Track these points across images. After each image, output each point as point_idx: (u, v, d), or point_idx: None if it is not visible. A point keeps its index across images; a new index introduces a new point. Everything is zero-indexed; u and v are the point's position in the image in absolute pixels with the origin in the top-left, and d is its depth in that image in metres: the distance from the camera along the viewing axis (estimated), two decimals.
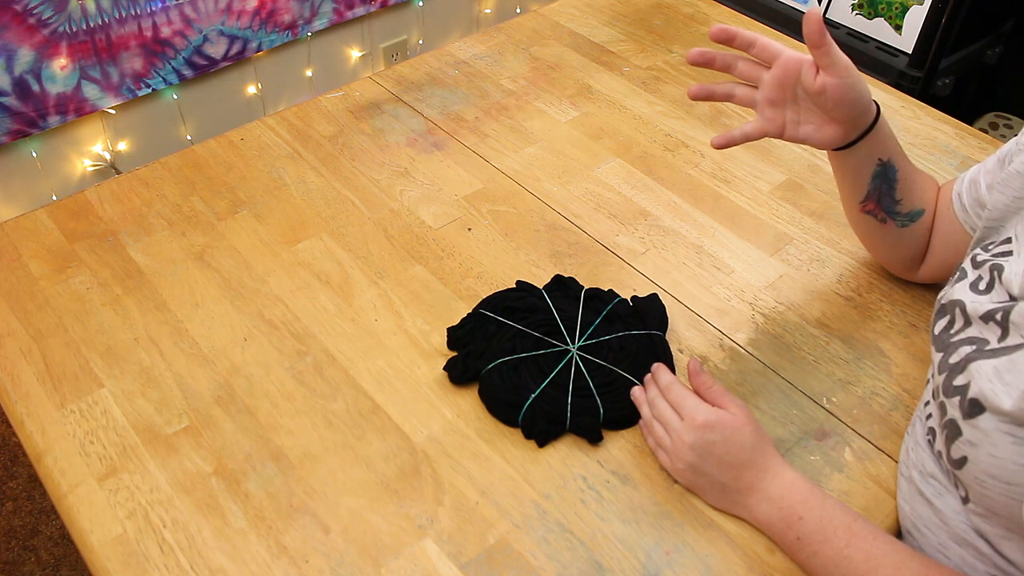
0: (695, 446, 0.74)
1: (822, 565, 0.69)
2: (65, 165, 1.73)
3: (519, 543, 0.73)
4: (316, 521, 0.74)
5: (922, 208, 0.87)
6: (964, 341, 0.67)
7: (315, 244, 0.99)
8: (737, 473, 0.74)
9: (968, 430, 0.63)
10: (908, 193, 0.86)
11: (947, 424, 0.66)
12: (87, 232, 1.00)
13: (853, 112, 0.80)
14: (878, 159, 0.84)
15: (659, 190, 1.07)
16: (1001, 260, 0.69)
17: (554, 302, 0.88)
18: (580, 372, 0.82)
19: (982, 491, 0.63)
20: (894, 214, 0.88)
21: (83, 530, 0.73)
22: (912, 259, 0.92)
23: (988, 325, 0.66)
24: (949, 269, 0.86)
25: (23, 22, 1.52)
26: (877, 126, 0.82)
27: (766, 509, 0.72)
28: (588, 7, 1.42)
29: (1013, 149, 0.77)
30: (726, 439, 0.74)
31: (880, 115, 0.82)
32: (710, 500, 0.76)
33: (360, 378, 0.85)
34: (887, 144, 0.84)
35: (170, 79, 1.76)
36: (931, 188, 0.89)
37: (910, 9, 1.78)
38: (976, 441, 0.62)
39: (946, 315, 0.71)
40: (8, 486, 1.56)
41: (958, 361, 0.66)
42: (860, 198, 0.87)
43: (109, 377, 0.84)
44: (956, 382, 0.65)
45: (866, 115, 0.81)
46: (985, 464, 0.62)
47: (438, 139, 1.14)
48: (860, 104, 0.79)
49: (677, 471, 0.76)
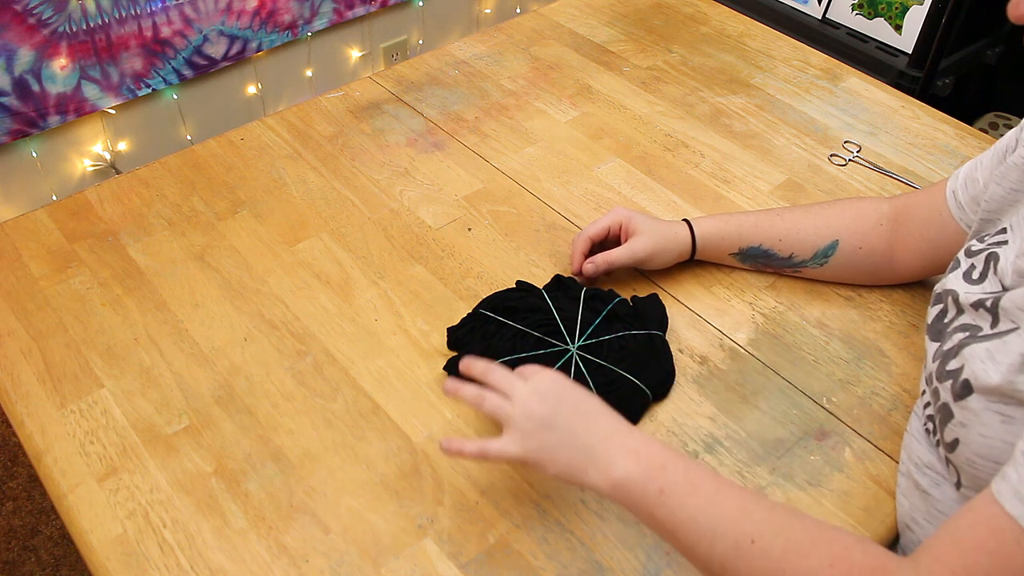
0: (546, 395, 0.68)
1: (689, 517, 0.62)
2: (65, 165, 1.73)
3: (519, 543, 0.73)
4: (316, 521, 0.74)
5: (832, 241, 0.90)
6: (957, 328, 0.68)
7: (315, 244, 0.99)
8: (592, 421, 0.67)
9: (959, 412, 0.63)
10: (795, 245, 0.92)
11: (940, 408, 0.66)
12: (87, 232, 1.00)
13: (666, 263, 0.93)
14: (728, 254, 0.94)
15: (659, 190, 1.07)
16: (996, 249, 0.70)
17: (554, 302, 0.88)
18: (580, 372, 0.82)
19: (973, 472, 0.63)
20: (800, 264, 0.93)
21: (83, 530, 0.73)
22: (872, 275, 0.93)
23: (979, 312, 0.66)
24: (937, 264, 0.86)
25: (23, 22, 1.52)
26: (699, 249, 0.93)
27: (624, 463, 0.64)
28: (588, 7, 1.42)
29: (1012, 143, 0.77)
30: (574, 388, 0.70)
31: (696, 245, 0.93)
32: (559, 463, 0.67)
33: (360, 378, 0.85)
34: (725, 243, 0.93)
35: (170, 79, 1.76)
36: (838, 215, 0.91)
37: (910, 9, 1.78)
38: (967, 422, 0.62)
39: (939, 304, 0.72)
40: (8, 486, 1.56)
41: (951, 347, 0.67)
42: (756, 270, 0.96)
43: (109, 377, 0.84)
44: (949, 367, 0.66)
45: (682, 256, 0.94)
46: (976, 445, 0.62)
47: (438, 139, 1.14)
48: (665, 262, 0.93)
49: (525, 433, 0.67)
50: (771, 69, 1.29)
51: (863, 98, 1.23)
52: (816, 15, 1.92)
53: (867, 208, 0.91)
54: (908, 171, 1.11)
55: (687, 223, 0.93)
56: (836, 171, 1.11)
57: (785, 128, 1.18)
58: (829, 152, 1.14)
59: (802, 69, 1.29)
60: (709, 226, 0.93)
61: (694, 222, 0.93)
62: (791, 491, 0.77)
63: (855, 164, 1.12)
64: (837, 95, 1.24)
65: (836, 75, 1.28)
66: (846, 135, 1.17)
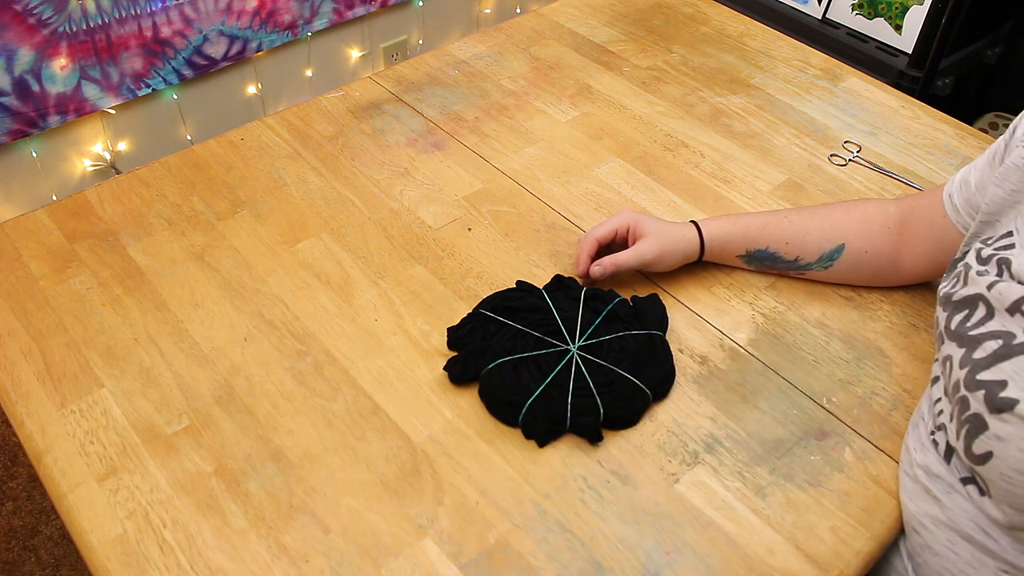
0: None
1: None
2: (65, 165, 1.73)
3: (519, 543, 0.73)
4: (316, 521, 0.74)
5: (838, 245, 0.90)
6: (988, 335, 0.66)
7: (315, 244, 0.99)
8: None
9: (996, 424, 0.62)
10: (801, 248, 0.91)
11: (970, 419, 0.65)
12: (87, 232, 1.00)
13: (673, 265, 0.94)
14: (735, 256, 0.94)
15: (659, 190, 1.07)
16: (1005, 253, 0.69)
17: (554, 302, 0.88)
18: (580, 372, 0.82)
19: (1007, 487, 0.62)
20: (805, 267, 0.93)
21: (83, 530, 0.73)
22: (877, 277, 0.93)
23: (1014, 317, 0.65)
24: (941, 267, 0.86)
25: (23, 22, 1.52)
26: (707, 252, 0.94)
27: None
28: (588, 7, 1.42)
29: (1002, 147, 0.77)
30: None
31: (704, 248, 0.93)
32: None
33: (360, 378, 0.85)
34: (732, 246, 0.93)
35: (170, 79, 1.76)
36: (845, 218, 0.91)
37: (910, 9, 1.78)
38: (1005, 436, 0.62)
39: (964, 309, 0.70)
40: (8, 486, 1.56)
41: (985, 356, 0.65)
42: (759, 271, 0.96)
43: (109, 377, 0.84)
44: (982, 376, 0.64)
45: (689, 258, 0.94)
46: (1014, 460, 0.61)
47: (438, 139, 1.14)
48: (672, 264, 0.93)
49: None
50: (771, 69, 1.29)
51: (863, 98, 1.23)
52: (816, 15, 1.92)
53: (873, 211, 0.91)
54: (908, 171, 1.11)
55: (695, 225, 0.93)
56: (836, 171, 1.11)
57: (785, 128, 1.18)
58: (829, 152, 1.14)
59: (802, 69, 1.29)
60: (717, 229, 0.93)
61: (702, 224, 0.93)
62: (791, 491, 0.77)
63: (855, 164, 1.12)
64: (837, 95, 1.24)
65: (836, 75, 1.28)
66: (846, 135, 1.17)
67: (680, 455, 0.79)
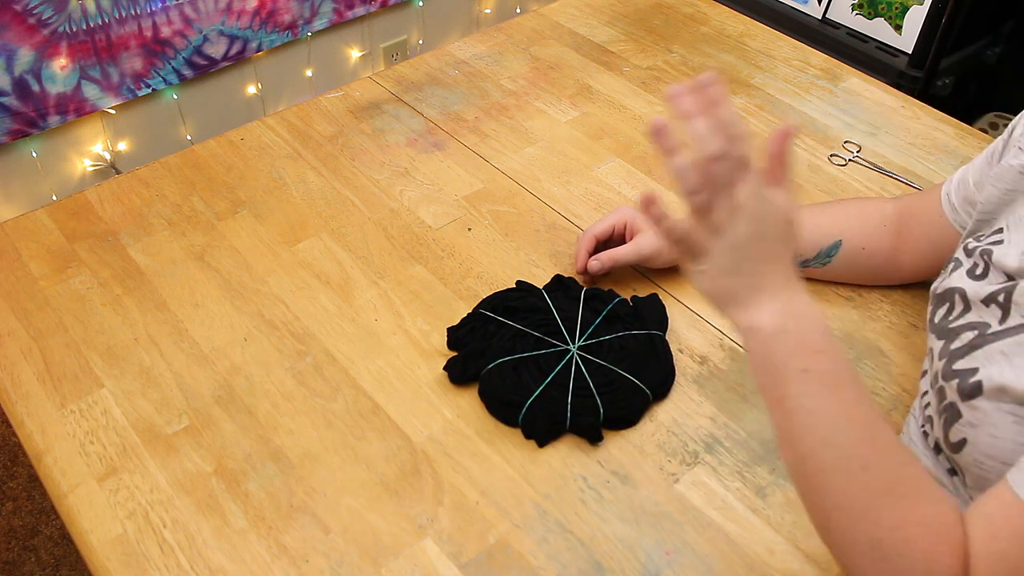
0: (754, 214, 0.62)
1: (815, 409, 0.57)
2: (65, 165, 1.73)
3: (519, 543, 0.73)
4: (316, 521, 0.74)
5: (835, 241, 0.90)
6: (965, 327, 0.68)
7: (315, 244, 0.99)
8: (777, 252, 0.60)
9: (968, 412, 0.63)
10: (801, 243, 0.89)
11: (946, 408, 0.66)
12: (87, 232, 1.00)
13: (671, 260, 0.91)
14: None
15: (659, 190, 1.07)
16: (991, 247, 0.71)
17: (554, 302, 0.88)
18: (580, 372, 0.82)
19: (980, 473, 0.63)
20: (803, 264, 0.91)
21: (83, 530, 0.73)
22: (875, 275, 0.93)
23: (989, 308, 0.66)
24: (939, 265, 0.87)
25: (23, 22, 1.52)
26: None
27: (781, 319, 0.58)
28: (588, 7, 1.42)
29: (1000, 146, 0.78)
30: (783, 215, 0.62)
31: None
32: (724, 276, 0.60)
33: (360, 378, 0.85)
34: None
35: (170, 79, 1.76)
36: (842, 215, 0.91)
37: (910, 9, 1.78)
38: (976, 422, 0.62)
39: (945, 303, 0.72)
40: (8, 486, 1.56)
41: (960, 346, 0.66)
42: None
43: (109, 377, 0.84)
44: (957, 366, 0.65)
45: None
46: (985, 445, 0.62)
47: (438, 139, 1.14)
48: (670, 260, 0.90)
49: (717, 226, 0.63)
50: (771, 69, 1.29)
51: (863, 98, 1.23)
52: (816, 15, 1.92)
53: (871, 209, 0.91)
54: (908, 171, 1.11)
55: None
56: (836, 171, 1.11)
57: None
58: (829, 152, 1.14)
59: (802, 69, 1.29)
60: None
61: None
62: (791, 491, 0.77)
63: (855, 164, 1.12)
64: (837, 95, 1.24)
65: (836, 75, 1.28)
66: (846, 135, 1.17)
67: (680, 455, 0.79)
